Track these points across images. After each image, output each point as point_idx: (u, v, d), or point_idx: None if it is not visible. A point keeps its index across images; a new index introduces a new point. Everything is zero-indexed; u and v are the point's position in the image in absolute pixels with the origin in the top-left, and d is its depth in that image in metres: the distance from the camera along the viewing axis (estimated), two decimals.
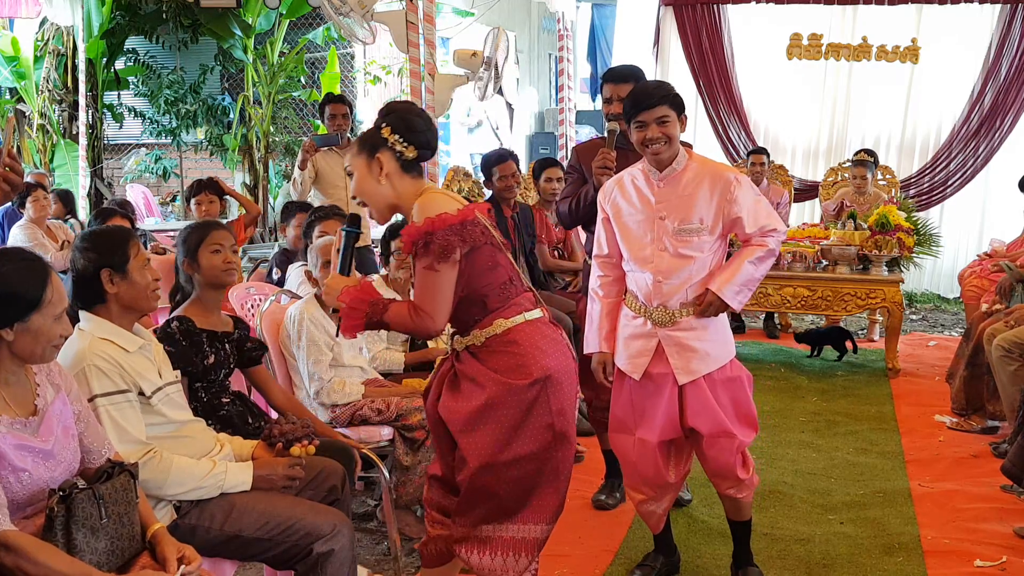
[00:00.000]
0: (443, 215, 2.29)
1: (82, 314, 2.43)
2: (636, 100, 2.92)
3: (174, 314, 2.92)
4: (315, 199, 5.56)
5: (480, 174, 6.36)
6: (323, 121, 6.28)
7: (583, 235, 5.98)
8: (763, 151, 7.27)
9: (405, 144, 2.39)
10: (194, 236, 2.94)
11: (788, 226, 6.67)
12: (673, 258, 2.92)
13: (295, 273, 4.33)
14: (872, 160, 6.98)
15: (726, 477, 3.03)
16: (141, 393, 2.41)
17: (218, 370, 2.92)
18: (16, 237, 5.61)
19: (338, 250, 2.52)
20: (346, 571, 2.44)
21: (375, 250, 5.23)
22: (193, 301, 2.96)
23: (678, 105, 2.93)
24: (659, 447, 3.02)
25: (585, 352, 3.20)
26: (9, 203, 5.19)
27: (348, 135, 6.15)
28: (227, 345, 2.96)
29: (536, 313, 2.46)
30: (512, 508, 2.44)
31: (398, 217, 2.68)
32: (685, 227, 2.91)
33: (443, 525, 2.58)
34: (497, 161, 5.26)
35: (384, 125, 2.40)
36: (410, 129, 2.40)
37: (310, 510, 2.49)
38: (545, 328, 2.46)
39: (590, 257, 3.83)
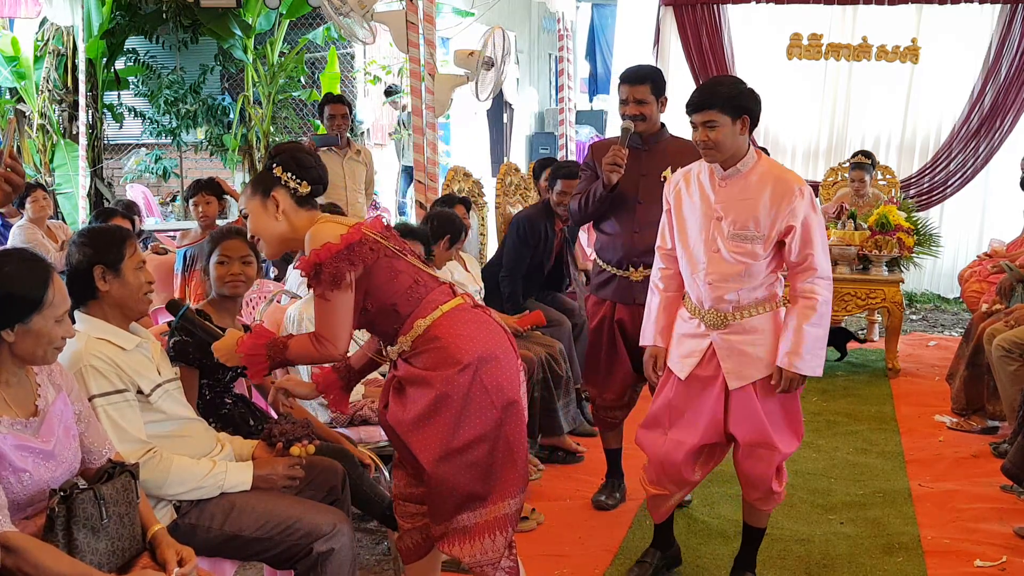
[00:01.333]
0: (327, 245, 2.37)
1: (77, 315, 2.42)
2: (692, 100, 2.88)
3: (196, 305, 2.94)
4: None
5: (473, 174, 6.35)
6: (323, 121, 6.29)
7: (583, 237, 6.03)
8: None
9: (298, 180, 2.49)
10: (211, 244, 3.00)
11: None
12: (725, 261, 2.87)
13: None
14: (870, 162, 6.95)
15: (758, 488, 2.99)
16: (140, 392, 2.41)
17: (224, 371, 2.92)
18: (16, 237, 5.60)
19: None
20: (346, 571, 2.44)
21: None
22: (212, 300, 3.01)
23: (734, 108, 2.83)
24: (693, 449, 2.97)
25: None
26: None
27: (348, 135, 6.16)
28: None
29: (454, 302, 2.51)
30: (479, 492, 2.48)
31: None
32: (740, 232, 2.85)
33: (413, 516, 2.64)
34: (566, 176, 4.77)
35: (276, 165, 2.50)
36: (301, 166, 2.51)
37: (310, 510, 2.49)
38: (465, 314, 2.51)
39: (597, 256, 3.83)
